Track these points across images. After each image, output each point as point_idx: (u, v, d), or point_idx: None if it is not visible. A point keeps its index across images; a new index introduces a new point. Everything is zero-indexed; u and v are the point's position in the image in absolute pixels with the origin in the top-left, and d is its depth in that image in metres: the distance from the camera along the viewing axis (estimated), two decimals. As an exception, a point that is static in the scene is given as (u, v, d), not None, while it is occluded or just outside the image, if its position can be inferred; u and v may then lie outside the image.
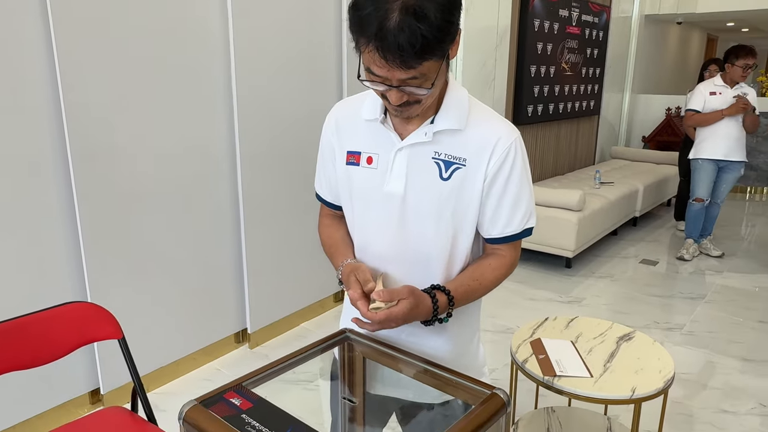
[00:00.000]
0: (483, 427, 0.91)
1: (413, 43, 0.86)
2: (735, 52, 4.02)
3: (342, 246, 1.22)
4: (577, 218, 4.05)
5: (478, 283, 1.12)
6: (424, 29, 0.86)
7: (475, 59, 4.08)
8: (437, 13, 0.87)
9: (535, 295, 3.75)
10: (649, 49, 7.40)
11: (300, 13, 2.84)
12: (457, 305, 1.09)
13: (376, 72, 0.93)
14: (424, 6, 0.86)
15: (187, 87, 2.47)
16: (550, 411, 2.10)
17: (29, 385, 2.15)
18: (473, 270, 1.13)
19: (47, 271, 2.15)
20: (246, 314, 2.92)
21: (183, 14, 2.40)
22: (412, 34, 0.85)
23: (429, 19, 0.86)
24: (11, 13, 1.91)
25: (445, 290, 1.07)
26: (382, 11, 0.86)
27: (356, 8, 0.89)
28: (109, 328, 1.69)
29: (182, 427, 0.91)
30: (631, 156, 6.52)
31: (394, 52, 0.87)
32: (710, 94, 4.13)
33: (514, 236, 1.12)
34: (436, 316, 1.05)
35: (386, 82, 0.93)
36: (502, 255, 1.14)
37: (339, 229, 1.27)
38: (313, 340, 1.17)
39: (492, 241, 1.14)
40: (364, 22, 0.88)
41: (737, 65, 4.02)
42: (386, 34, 0.86)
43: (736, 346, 3.06)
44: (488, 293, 1.16)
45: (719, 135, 4.15)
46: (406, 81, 0.93)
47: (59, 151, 2.11)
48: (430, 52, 0.89)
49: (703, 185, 4.30)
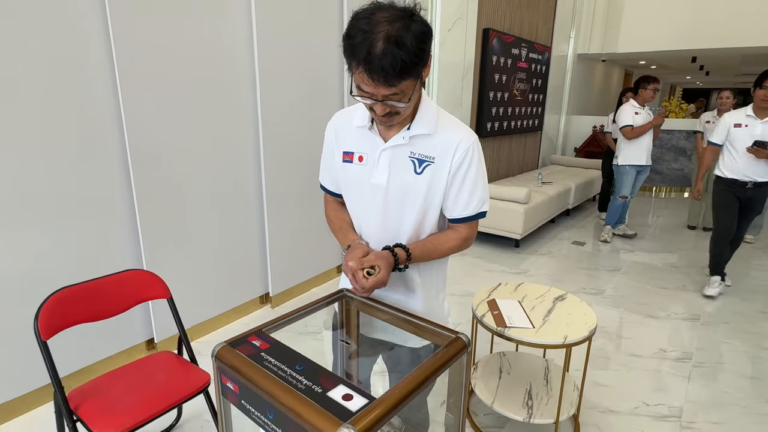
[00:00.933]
0: (449, 363, 0.91)
1: (394, 66, 0.86)
2: (646, 79, 4.12)
3: (348, 227, 1.22)
4: (524, 209, 4.06)
5: (433, 246, 1.13)
6: (402, 55, 0.86)
7: (447, 86, 4.06)
8: (413, 41, 0.87)
9: (492, 267, 3.75)
10: (580, 80, 7.40)
11: (311, 43, 2.80)
12: (414, 260, 1.10)
13: (364, 89, 0.93)
14: (403, 36, 0.86)
15: (221, 105, 2.43)
16: (502, 355, 2.11)
17: (100, 335, 2.13)
18: (433, 237, 1.14)
19: (113, 246, 2.12)
20: (268, 281, 2.90)
21: (217, 46, 2.35)
22: (394, 59, 0.86)
23: (407, 47, 0.86)
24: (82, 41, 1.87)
25: (405, 248, 1.09)
26: (369, 40, 0.86)
27: (349, 37, 0.90)
28: (160, 290, 1.67)
29: (215, 362, 0.90)
30: (566, 162, 6.54)
31: (379, 73, 0.87)
32: (635, 114, 4.18)
33: (469, 217, 1.12)
34: (397, 265, 1.07)
35: (373, 97, 0.94)
36: (459, 230, 1.15)
37: (342, 211, 1.26)
38: (319, 297, 1.16)
39: (453, 221, 1.14)
40: (355, 49, 0.88)
41: (649, 89, 4.10)
42: (372, 59, 0.86)
43: (644, 306, 3.09)
44: (446, 257, 1.18)
45: (643, 145, 4.20)
46: (389, 96, 0.93)
47: (121, 157, 2.07)
48: (407, 73, 0.89)
49: (629, 185, 4.33)
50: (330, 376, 0.83)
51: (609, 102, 9.01)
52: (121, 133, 2.05)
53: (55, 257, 1.93)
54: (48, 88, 1.80)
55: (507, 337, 1.63)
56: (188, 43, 2.21)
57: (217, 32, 2.33)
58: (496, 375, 1.96)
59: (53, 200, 1.89)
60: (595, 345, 2.54)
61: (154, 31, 2.06)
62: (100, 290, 1.55)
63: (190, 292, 2.45)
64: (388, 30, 0.86)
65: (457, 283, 3.35)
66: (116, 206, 2.10)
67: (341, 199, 1.26)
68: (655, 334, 2.71)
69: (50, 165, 1.86)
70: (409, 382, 0.82)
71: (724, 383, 2.25)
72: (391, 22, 0.87)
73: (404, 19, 0.88)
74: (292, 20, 2.66)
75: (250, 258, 2.78)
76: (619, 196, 4.39)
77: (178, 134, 2.25)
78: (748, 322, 2.87)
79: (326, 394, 0.78)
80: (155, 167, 2.18)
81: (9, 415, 1.90)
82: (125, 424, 1.32)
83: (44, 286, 1.89)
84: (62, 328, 1.44)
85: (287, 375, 0.83)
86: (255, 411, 0.85)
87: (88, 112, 1.94)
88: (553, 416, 1.71)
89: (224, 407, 0.94)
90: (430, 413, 1.32)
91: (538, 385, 1.90)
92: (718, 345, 2.61)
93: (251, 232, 2.76)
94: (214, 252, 2.55)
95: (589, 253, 4.17)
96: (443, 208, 1.13)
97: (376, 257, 1.04)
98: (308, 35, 2.77)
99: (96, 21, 1.90)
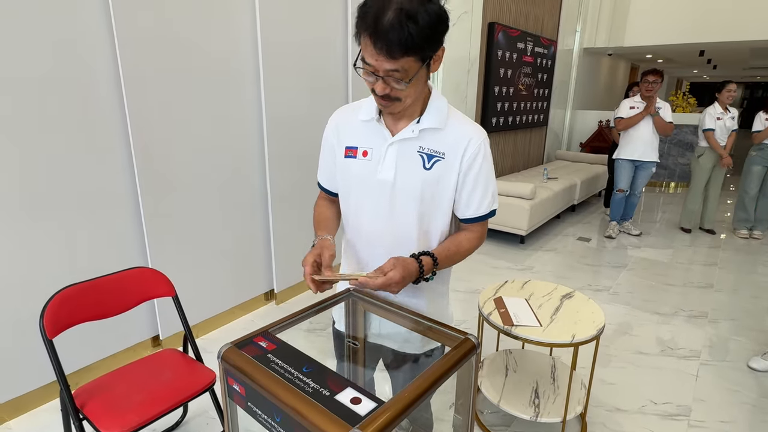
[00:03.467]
0: (458, 365, 0.89)
1: (401, 37, 0.84)
2: (644, 73, 4.07)
3: (327, 223, 1.19)
4: (529, 205, 4.03)
5: (457, 249, 1.10)
6: (411, 28, 0.84)
7: (452, 80, 4.03)
8: (426, 19, 0.85)
9: (497, 264, 3.74)
10: (586, 74, 7.33)
11: (315, 38, 2.77)
12: (441, 266, 1.06)
13: (367, 60, 0.90)
14: (417, 11, 0.84)
15: (225, 101, 2.41)
16: (508, 352, 2.09)
17: (105, 332, 2.13)
18: (453, 239, 1.11)
19: (118, 243, 2.12)
20: (273, 277, 2.90)
21: (222, 42, 2.33)
22: (401, 30, 0.83)
23: (418, 23, 0.84)
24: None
25: (431, 255, 1.04)
26: (382, 9, 0.84)
27: (364, 6, 0.88)
28: (165, 288, 1.66)
29: (220, 363, 0.89)
30: (571, 158, 6.49)
31: (384, 41, 0.85)
32: (630, 107, 4.15)
33: (482, 216, 1.10)
34: (422, 275, 1.02)
35: (375, 71, 0.91)
36: (474, 230, 1.12)
37: (330, 209, 1.24)
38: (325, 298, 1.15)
39: (466, 221, 1.11)
40: (366, 16, 0.86)
41: (644, 82, 4.05)
42: (379, 25, 0.84)
43: (650, 303, 3.07)
44: (463, 260, 1.13)
45: (637, 139, 4.16)
46: (390, 72, 0.90)
47: (125, 153, 2.06)
48: (412, 49, 0.86)
49: (624, 179, 4.31)
50: (338, 378, 0.82)
51: (615, 96, 8.92)
52: (125, 130, 2.04)
53: (60, 255, 1.93)
54: (50, 84, 1.79)
55: (514, 336, 1.62)
56: (192, 37, 2.19)
57: (221, 27, 2.31)
58: (503, 373, 1.95)
59: (57, 198, 1.88)
60: (602, 342, 2.52)
61: (157, 26, 2.04)
62: (105, 288, 1.55)
63: (195, 289, 2.45)
64: (403, 2, 0.84)
65: (461, 280, 3.34)
66: (120, 203, 2.09)
67: (333, 197, 1.24)
68: (662, 332, 2.69)
69: (53, 162, 1.85)
70: (418, 386, 0.80)
71: (732, 381, 2.23)
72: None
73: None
74: (297, 16, 2.63)
75: (254, 255, 2.78)
76: (616, 190, 4.39)
77: (182, 130, 2.23)
78: (756, 320, 2.85)
79: (334, 397, 0.77)
80: (159, 164, 2.17)
81: (15, 412, 1.90)
82: (131, 422, 1.32)
83: (49, 284, 1.89)
84: (68, 326, 1.44)
85: (294, 377, 0.81)
86: (262, 413, 0.84)
87: (91, 108, 1.92)
88: (560, 415, 1.70)
89: (230, 409, 0.93)
90: (435, 413, 1.31)
91: (544, 383, 1.89)
92: (726, 342, 2.58)
93: (256, 229, 2.75)
94: (218, 249, 2.54)
95: (594, 250, 4.14)
96: (455, 208, 1.10)
97: (395, 263, 0.96)
98: (312, 31, 2.74)
99: (99, 15, 1.88)
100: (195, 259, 2.42)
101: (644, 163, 4.25)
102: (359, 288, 1.00)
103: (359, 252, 1.17)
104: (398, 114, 1.03)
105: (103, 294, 1.55)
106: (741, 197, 4.44)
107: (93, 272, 1.99)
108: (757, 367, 2.32)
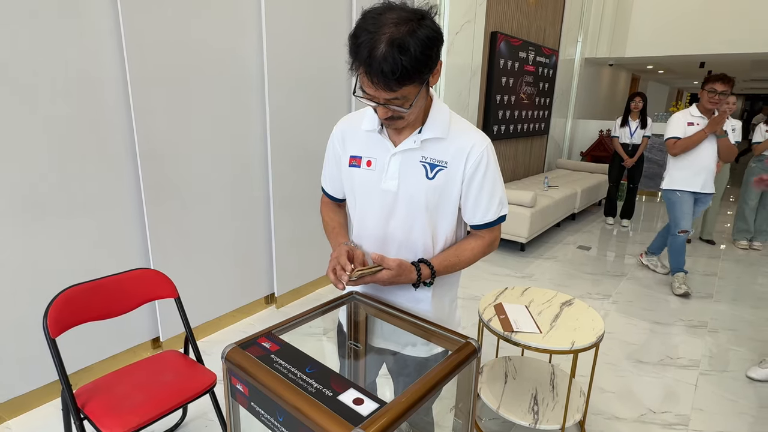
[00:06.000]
0: (459, 368, 0.90)
1: (394, 70, 0.84)
2: (707, 78, 3.06)
3: (341, 230, 1.23)
4: (530, 213, 4.04)
5: (457, 259, 1.11)
6: (404, 60, 0.83)
7: (454, 88, 4.06)
8: (417, 47, 0.84)
9: (497, 271, 3.74)
10: (587, 84, 7.38)
11: (319, 45, 2.81)
12: (439, 275, 1.09)
13: (366, 90, 0.91)
14: (407, 41, 0.83)
15: (230, 105, 2.44)
16: (508, 359, 2.10)
17: (106, 333, 2.14)
18: (456, 248, 1.13)
19: (121, 245, 2.13)
20: (274, 281, 2.91)
21: (227, 46, 2.36)
22: (395, 64, 0.83)
23: (409, 53, 0.83)
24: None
25: (429, 264, 1.07)
26: (373, 42, 0.83)
27: (355, 37, 0.87)
28: (167, 289, 1.67)
29: (224, 363, 0.90)
30: (572, 166, 6.52)
31: (379, 76, 0.85)
32: (688, 124, 3.17)
33: (491, 223, 1.11)
34: (419, 281, 1.06)
35: (374, 99, 0.92)
36: (481, 237, 1.13)
37: (339, 215, 1.27)
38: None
39: (474, 227, 1.13)
40: (359, 49, 0.85)
41: (705, 90, 3.07)
42: (373, 62, 0.84)
43: (650, 312, 3.07)
44: (469, 266, 1.15)
45: (698, 166, 3.17)
46: (390, 100, 0.91)
47: (130, 155, 2.08)
48: (409, 79, 0.86)
49: (685, 215, 3.26)
50: (340, 379, 0.83)
51: (616, 106, 8.97)
52: (131, 132, 2.06)
53: (64, 255, 1.94)
54: (58, 87, 1.82)
55: (514, 342, 1.62)
56: (198, 42, 2.22)
57: (227, 32, 2.34)
58: (502, 379, 1.95)
59: (61, 198, 1.90)
60: (601, 351, 2.52)
61: (165, 30, 2.07)
62: (108, 289, 1.56)
63: (196, 292, 2.46)
64: (393, 33, 0.83)
65: (462, 286, 3.34)
66: (124, 205, 2.11)
67: (338, 202, 1.26)
68: (661, 341, 2.69)
69: (58, 163, 1.87)
70: (420, 388, 0.81)
71: (731, 392, 2.23)
72: (397, 25, 0.83)
73: (412, 22, 0.84)
74: (302, 21, 2.66)
75: (256, 258, 2.79)
76: (678, 231, 3.28)
77: (186, 134, 2.25)
78: (756, 330, 2.85)
79: (337, 397, 0.78)
80: (163, 166, 2.19)
81: (17, 411, 1.90)
82: (132, 422, 1.32)
83: (53, 284, 1.90)
84: (70, 326, 1.45)
85: (297, 377, 0.82)
86: (264, 413, 0.85)
87: (97, 111, 1.94)
88: (559, 422, 1.70)
89: (233, 409, 0.94)
90: (436, 418, 1.32)
91: (544, 390, 1.89)
92: (725, 353, 2.58)
93: (258, 232, 2.76)
94: (220, 251, 2.55)
95: (594, 258, 4.15)
96: (463, 215, 1.11)
97: (396, 263, 1.02)
98: (317, 37, 2.78)
99: (108, 20, 1.91)
100: (196, 262, 2.43)
101: (704, 196, 3.29)
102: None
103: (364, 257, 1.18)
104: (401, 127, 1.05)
105: (106, 294, 1.56)
106: (741, 208, 4.45)
107: (96, 273, 2.00)
108: (756, 377, 2.32)
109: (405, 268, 1.03)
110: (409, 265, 1.04)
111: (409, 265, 1.04)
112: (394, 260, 1.03)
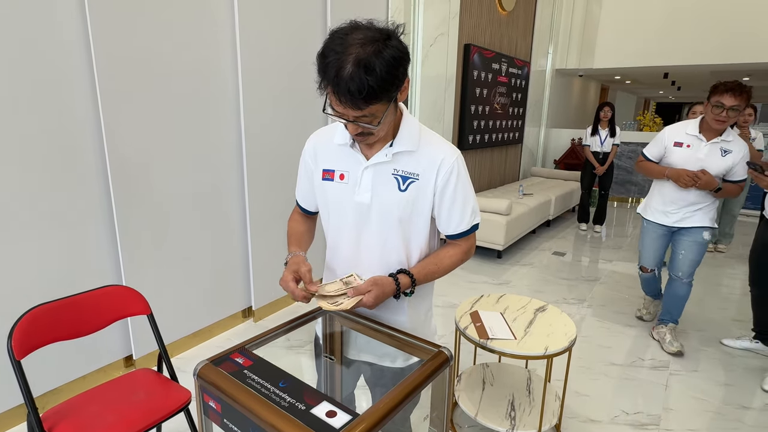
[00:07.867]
0: (432, 377, 0.92)
1: (361, 90, 0.85)
2: (713, 88, 2.30)
3: (298, 238, 1.24)
4: (506, 220, 4.12)
5: (436, 267, 1.13)
6: (371, 80, 0.85)
7: (429, 99, 4.12)
8: (383, 67, 0.85)
9: (474, 278, 3.79)
10: (558, 94, 7.60)
11: (294, 57, 2.82)
12: (419, 283, 1.10)
13: (335, 108, 0.93)
14: (373, 61, 0.85)
15: (204, 117, 2.42)
16: (485, 366, 2.12)
17: (76, 353, 2.07)
18: (434, 256, 1.15)
19: (91, 261, 2.08)
20: (251, 294, 2.87)
21: (200, 58, 2.35)
22: (361, 84, 0.84)
23: (375, 73, 0.85)
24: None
25: (408, 273, 1.08)
26: (340, 62, 0.85)
27: (323, 57, 0.88)
28: (140, 306, 1.64)
29: (196, 380, 0.89)
30: (546, 174, 6.68)
31: (346, 96, 0.86)
32: (675, 144, 2.44)
33: (465, 232, 1.13)
34: (399, 292, 1.06)
35: (343, 116, 0.94)
36: (458, 245, 1.16)
37: (302, 224, 1.29)
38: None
39: (450, 237, 1.15)
40: (327, 69, 0.87)
41: (710, 103, 2.30)
42: (340, 81, 0.85)
43: (622, 315, 3.15)
44: (447, 274, 1.17)
45: (670, 198, 2.51)
46: (358, 118, 0.93)
47: (101, 169, 2.04)
48: (376, 98, 0.88)
49: (648, 251, 2.71)
50: (313, 392, 0.83)
51: (587, 115, 9.26)
52: (101, 145, 2.03)
53: (30, 273, 1.88)
54: (23, 98, 1.77)
55: (489, 349, 1.65)
56: (170, 54, 2.20)
57: (200, 43, 2.33)
58: (480, 386, 1.97)
59: (29, 213, 1.84)
60: (576, 354, 2.57)
61: (135, 41, 2.05)
62: (77, 307, 1.52)
63: (171, 307, 2.41)
64: (359, 53, 0.84)
65: (439, 294, 3.37)
66: (95, 220, 2.06)
67: (308, 214, 1.28)
68: (633, 343, 2.77)
69: (26, 176, 1.82)
70: (393, 398, 0.82)
71: (699, 390, 2.31)
72: (363, 45, 0.85)
73: (378, 42, 0.86)
74: (276, 34, 2.67)
75: (232, 272, 2.75)
76: (639, 267, 2.84)
77: (159, 146, 2.23)
78: (723, 330, 2.96)
79: (310, 411, 0.78)
80: (135, 180, 2.15)
81: (-22, 438, 1.82)
82: (102, 445, 1.28)
83: (20, 303, 1.83)
84: (37, 346, 1.40)
85: (270, 392, 0.82)
86: (237, 429, 0.84)
87: (66, 123, 1.91)
88: (535, 427, 1.73)
89: (206, 426, 0.93)
90: (413, 428, 1.32)
91: (520, 395, 1.92)
92: (693, 353, 2.67)
93: (234, 245, 2.73)
94: (195, 266, 2.51)
95: (569, 264, 4.24)
96: (438, 226, 1.14)
97: (371, 281, 1.03)
98: (292, 49, 2.79)
99: (76, 27, 1.88)
100: (171, 276, 2.39)
101: (687, 229, 2.54)
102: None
103: (337, 270, 1.19)
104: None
105: (76, 313, 1.51)
106: None
107: (65, 290, 1.94)
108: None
109: (381, 283, 1.03)
110: (384, 278, 1.05)
111: (384, 278, 1.05)
112: (367, 281, 1.03)
